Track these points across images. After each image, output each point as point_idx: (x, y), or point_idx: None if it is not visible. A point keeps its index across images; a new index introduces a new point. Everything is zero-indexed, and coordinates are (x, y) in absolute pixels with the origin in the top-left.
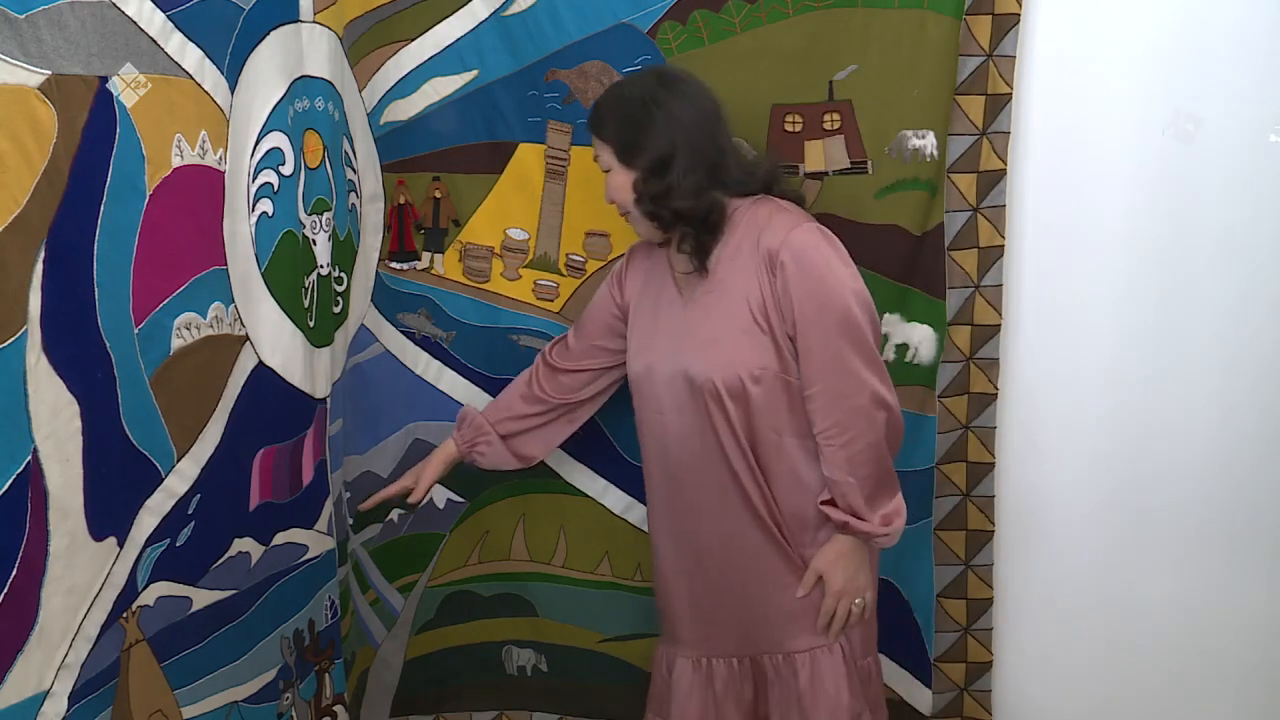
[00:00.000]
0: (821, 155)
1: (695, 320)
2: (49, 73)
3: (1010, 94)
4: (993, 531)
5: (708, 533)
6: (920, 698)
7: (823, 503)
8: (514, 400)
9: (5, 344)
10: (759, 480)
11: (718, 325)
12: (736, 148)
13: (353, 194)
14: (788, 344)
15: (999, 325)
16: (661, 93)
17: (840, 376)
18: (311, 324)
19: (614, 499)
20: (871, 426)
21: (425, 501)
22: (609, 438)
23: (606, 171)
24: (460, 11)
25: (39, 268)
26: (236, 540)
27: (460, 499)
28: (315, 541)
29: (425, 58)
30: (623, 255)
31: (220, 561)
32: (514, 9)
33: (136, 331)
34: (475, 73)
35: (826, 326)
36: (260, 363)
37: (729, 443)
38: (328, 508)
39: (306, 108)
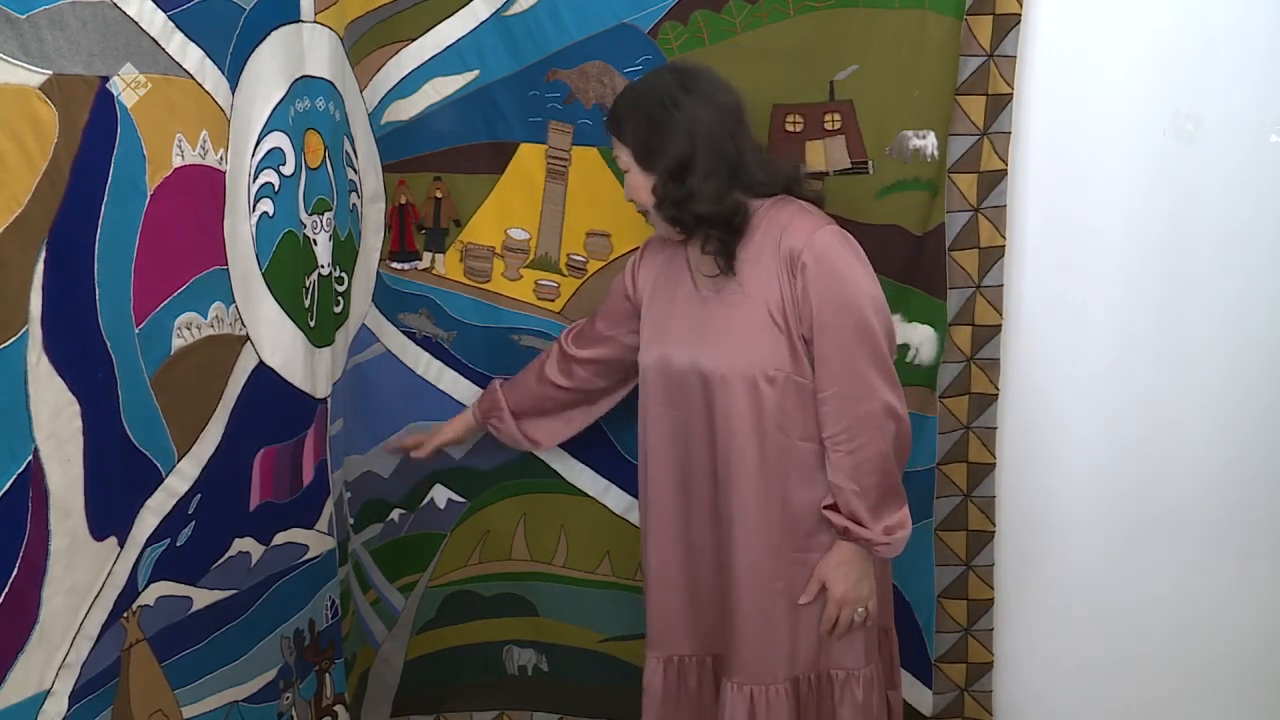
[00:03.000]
0: (822, 155)
1: (713, 316)
2: (50, 73)
3: (1011, 94)
4: (994, 532)
5: (717, 531)
6: (921, 698)
7: (825, 507)
8: (529, 380)
9: (6, 344)
10: (770, 479)
11: (735, 323)
12: (757, 146)
13: (354, 194)
14: (803, 346)
15: (1000, 325)
16: (680, 93)
17: (853, 382)
18: (312, 324)
19: (615, 499)
20: (881, 435)
21: (426, 502)
22: (610, 438)
23: (626, 171)
24: (461, 11)
25: (40, 268)
26: (237, 540)
27: (461, 499)
28: (315, 541)
29: (426, 58)
30: (633, 250)
31: (220, 561)
32: (515, 9)
33: (137, 331)
34: (476, 73)
35: (843, 330)
36: (261, 363)
37: (739, 440)
38: (328, 508)
39: (307, 108)
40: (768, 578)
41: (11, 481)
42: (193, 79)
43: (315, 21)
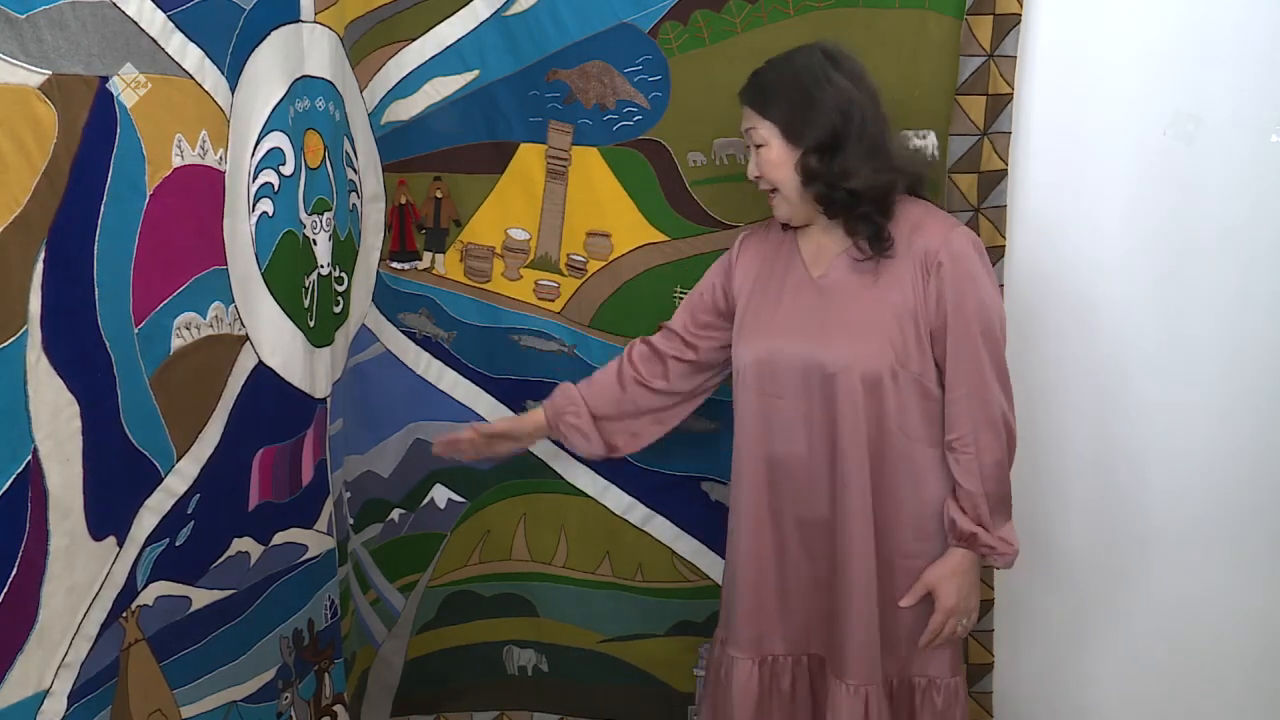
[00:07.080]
0: None
1: (836, 308)
2: (49, 72)
3: (1011, 94)
4: None
5: (828, 529)
6: None
7: (957, 507)
8: (608, 380)
9: (6, 344)
10: (885, 479)
11: (861, 316)
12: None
13: (354, 194)
14: (929, 345)
15: None
16: (831, 70)
17: (980, 385)
18: (312, 324)
19: (614, 499)
20: (999, 443)
21: (426, 502)
22: None
23: (761, 146)
24: (461, 11)
25: (39, 268)
26: (236, 540)
27: (461, 499)
28: (315, 541)
29: (426, 58)
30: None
31: (220, 561)
32: (515, 9)
33: (136, 331)
34: (476, 73)
35: (974, 334)
36: (260, 362)
37: (850, 437)
38: (328, 507)
39: (307, 108)
40: (879, 579)
41: (11, 481)
42: (192, 79)
43: (315, 21)
